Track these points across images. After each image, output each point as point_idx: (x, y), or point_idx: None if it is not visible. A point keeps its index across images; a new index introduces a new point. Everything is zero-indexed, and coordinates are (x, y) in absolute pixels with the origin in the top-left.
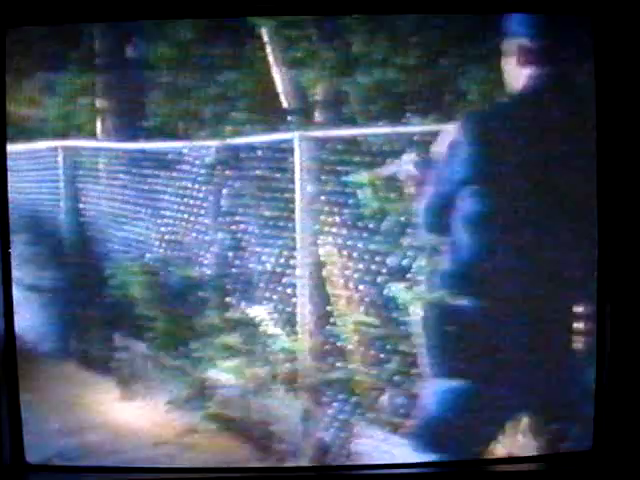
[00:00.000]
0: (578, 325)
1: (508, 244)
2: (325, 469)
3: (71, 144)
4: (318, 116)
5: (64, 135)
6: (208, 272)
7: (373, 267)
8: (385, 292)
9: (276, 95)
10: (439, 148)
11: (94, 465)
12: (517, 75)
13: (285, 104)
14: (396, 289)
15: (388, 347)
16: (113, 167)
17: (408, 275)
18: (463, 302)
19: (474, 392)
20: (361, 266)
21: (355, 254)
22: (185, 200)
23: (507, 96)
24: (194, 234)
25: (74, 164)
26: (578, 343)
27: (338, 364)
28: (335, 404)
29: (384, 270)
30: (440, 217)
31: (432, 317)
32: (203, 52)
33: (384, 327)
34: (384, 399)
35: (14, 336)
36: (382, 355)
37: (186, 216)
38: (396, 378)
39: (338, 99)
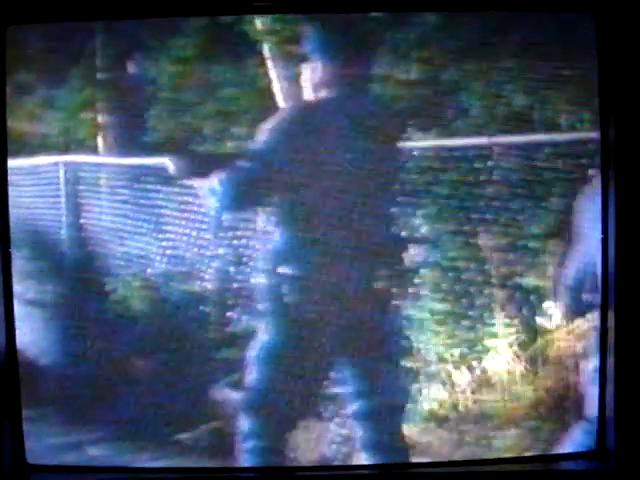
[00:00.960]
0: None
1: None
2: (323, 469)
3: (72, 159)
4: None
5: (65, 150)
6: (209, 287)
7: None
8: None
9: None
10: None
11: (95, 465)
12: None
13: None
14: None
15: None
16: (114, 182)
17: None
18: None
19: None
20: None
21: None
22: (186, 215)
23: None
24: (195, 249)
25: (75, 179)
26: None
27: None
28: (337, 419)
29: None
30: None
31: None
32: (204, 68)
33: None
34: None
35: (14, 339)
36: None
37: (187, 231)
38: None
39: None
